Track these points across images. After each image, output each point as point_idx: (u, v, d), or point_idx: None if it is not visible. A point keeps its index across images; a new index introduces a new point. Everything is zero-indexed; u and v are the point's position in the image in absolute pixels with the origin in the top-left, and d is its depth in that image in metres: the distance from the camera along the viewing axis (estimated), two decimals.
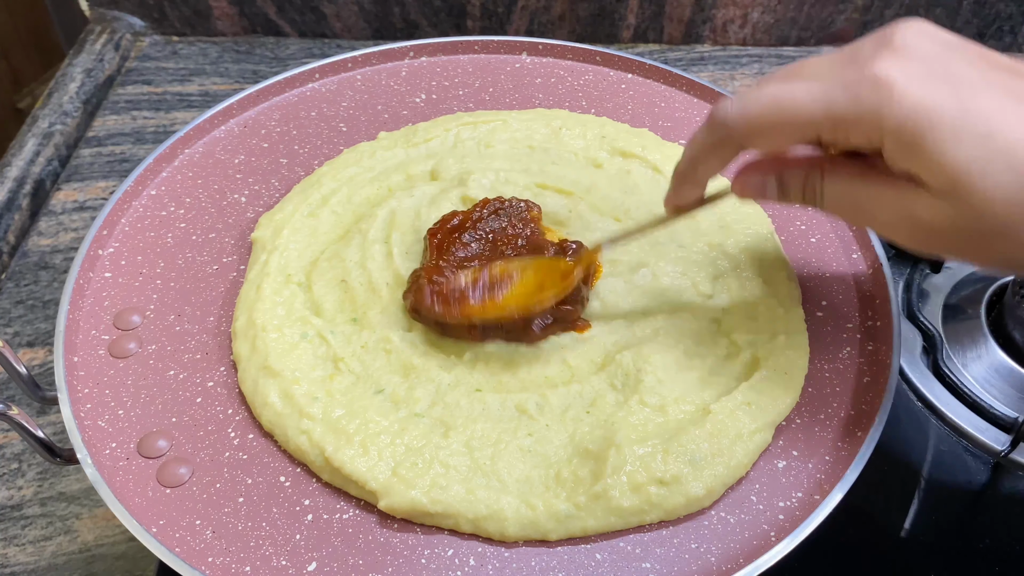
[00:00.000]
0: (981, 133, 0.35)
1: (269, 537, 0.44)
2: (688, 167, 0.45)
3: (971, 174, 0.36)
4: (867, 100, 0.37)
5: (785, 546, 0.42)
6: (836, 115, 0.38)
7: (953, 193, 0.37)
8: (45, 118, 0.83)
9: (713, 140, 0.42)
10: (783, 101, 0.39)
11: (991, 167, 0.35)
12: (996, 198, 0.36)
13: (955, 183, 0.36)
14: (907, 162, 0.37)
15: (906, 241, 0.40)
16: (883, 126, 0.37)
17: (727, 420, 0.46)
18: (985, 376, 0.60)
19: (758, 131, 0.41)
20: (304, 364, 0.49)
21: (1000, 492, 0.56)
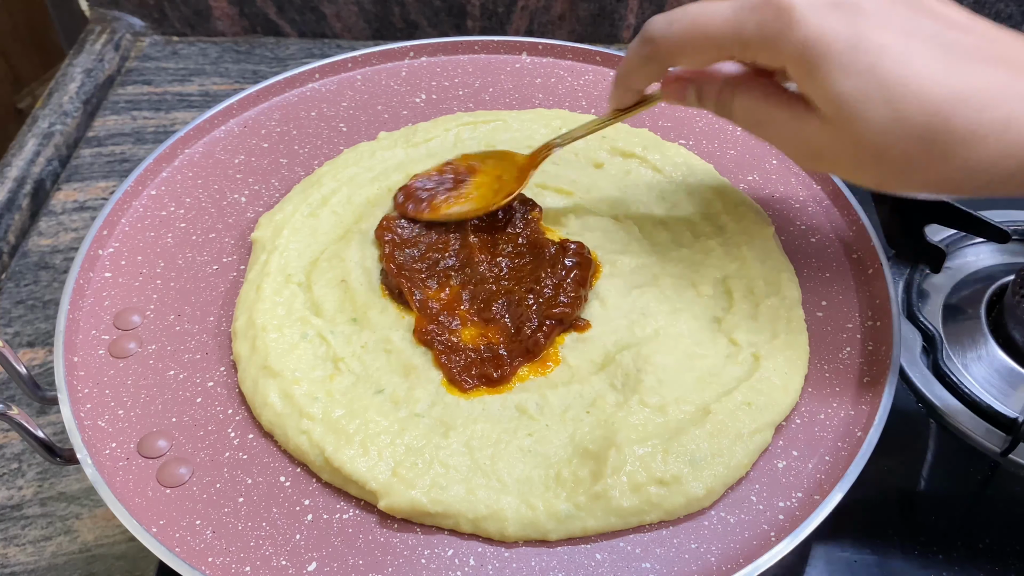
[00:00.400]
0: (866, 66, 0.38)
1: (269, 537, 0.44)
2: (624, 75, 0.49)
3: (853, 104, 0.39)
4: (770, 26, 0.39)
5: (785, 546, 0.42)
6: (744, 39, 0.41)
7: (836, 120, 0.40)
8: (45, 118, 0.83)
9: (643, 55, 0.46)
10: (699, 23, 0.42)
11: (870, 99, 0.38)
12: (872, 128, 0.39)
13: (838, 112, 0.39)
14: (804, 87, 0.41)
15: (797, 159, 0.45)
16: (783, 51, 0.40)
17: (727, 420, 0.46)
18: (985, 376, 0.60)
19: (679, 50, 0.44)
20: (304, 364, 0.49)
21: (1000, 492, 0.56)
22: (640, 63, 0.47)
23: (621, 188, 0.60)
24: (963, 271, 0.67)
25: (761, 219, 0.58)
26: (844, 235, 0.59)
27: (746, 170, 0.63)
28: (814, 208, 0.61)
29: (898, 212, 0.64)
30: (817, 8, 0.39)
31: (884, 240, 0.62)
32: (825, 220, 0.60)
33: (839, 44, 0.38)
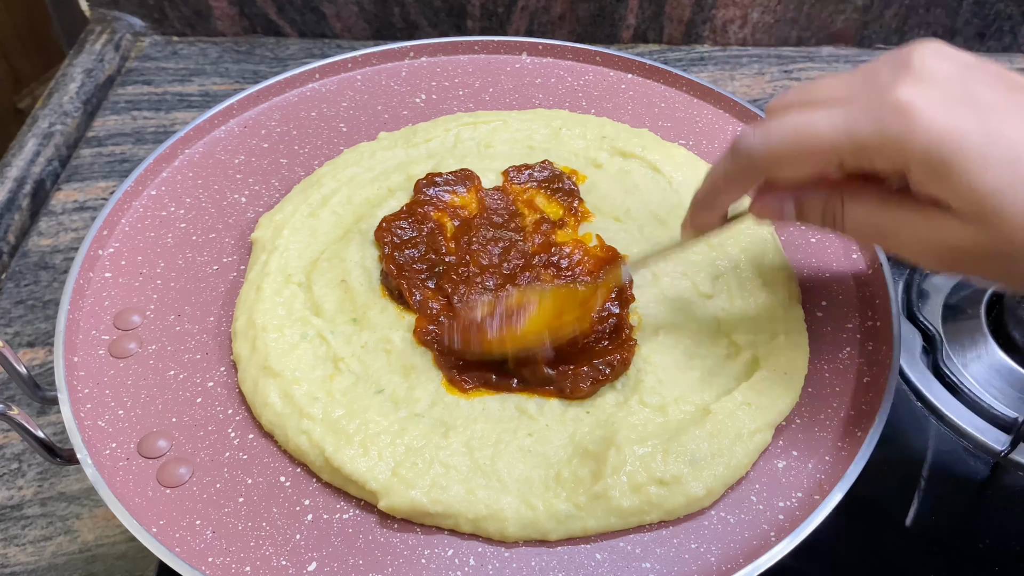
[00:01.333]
0: (1008, 158, 0.36)
1: (269, 537, 0.44)
2: (709, 194, 0.45)
3: (999, 199, 0.36)
4: (891, 127, 0.37)
5: (785, 546, 0.42)
6: (859, 143, 0.38)
7: (981, 218, 0.37)
8: (45, 118, 0.83)
9: (735, 170, 0.43)
10: (805, 131, 0.39)
11: (1019, 192, 0.36)
12: (1021, 220, 0.36)
13: (983, 208, 0.36)
14: (934, 188, 0.37)
15: (933, 264, 0.41)
16: (908, 152, 0.37)
17: (727, 420, 0.46)
18: (985, 376, 0.60)
19: (781, 162, 0.41)
20: (304, 364, 0.49)
21: (1000, 492, 0.56)
22: (731, 179, 0.43)
23: (621, 188, 0.60)
24: None
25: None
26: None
27: None
28: None
29: None
30: (939, 103, 0.37)
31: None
32: None
33: (973, 137, 0.36)
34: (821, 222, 0.43)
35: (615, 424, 0.46)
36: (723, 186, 0.44)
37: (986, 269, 0.39)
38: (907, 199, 0.40)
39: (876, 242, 0.43)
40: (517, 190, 0.58)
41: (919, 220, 0.39)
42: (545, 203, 0.58)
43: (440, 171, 0.58)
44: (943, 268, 0.41)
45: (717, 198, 0.45)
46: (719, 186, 0.44)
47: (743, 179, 0.43)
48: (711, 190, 0.45)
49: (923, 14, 0.94)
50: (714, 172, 0.44)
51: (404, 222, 0.55)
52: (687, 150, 0.64)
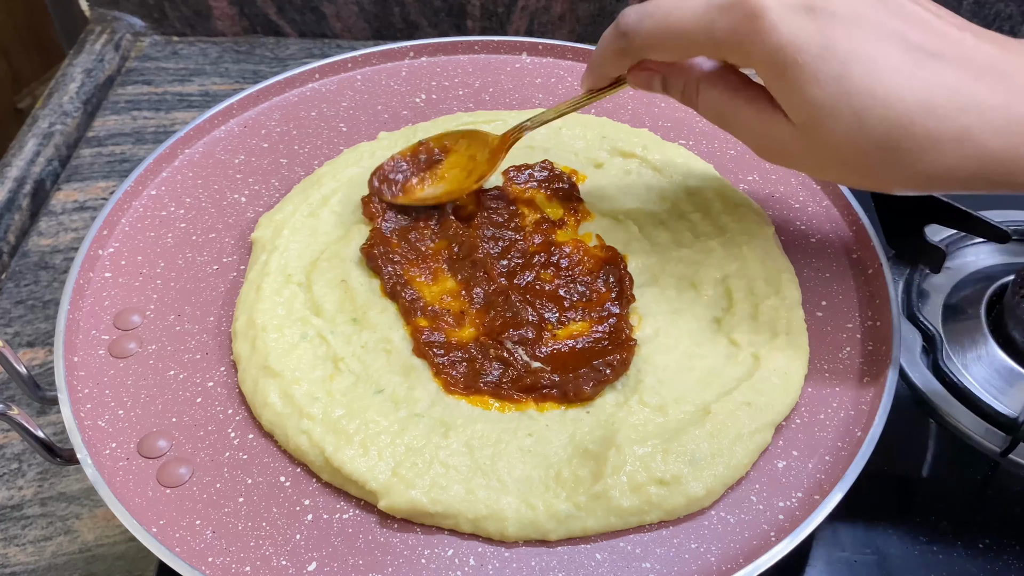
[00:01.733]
0: (834, 74, 0.38)
1: (269, 537, 0.44)
2: (598, 63, 0.49)
3: (819, 112, 0.39)
4: (740, 29, 0.40)
5: (785, 546, 0.42)
6: (714, 40, 0.41)
7: (803, 125, 0.41)
8: (45, 118, 0.83)
9: (616, 47, 0.47)
10: (671, 20, 0.42)
11: (837, 108, 0.39)
12: (837, 136, 0.40)
13: (806, 118, 0.40)
14: (772, 90, 0.42)
15: (759, 153, 0.46)
16: (753, 56, 0.40)
17: (727, 420, 0.46)
18: (985, 376, 0.60)
19: (650, 46, 0.44)
20: (304, 364, 0.49)
21: (1000, 492, 0.56)
22: (613, 55, 0.47)
23: (621, 188, 0.60)
24: (963, 271, 0.67)
25: (761, 219, 0.58)
26: (844, 235, 0.59)
27: (746, 170, 0.63)
28: (814, 208, 0.61)
29: (898, 212, 0.64)
30: (788, 12, 0.39)
31: (884, 240, 0.62)
32: (825, 220, 0.60)
33: (809, 51, 0.39)
34: (681, 99, 0.48)
35: (615, 424, 0.46)
36: (608, 58, 0.48)
37: (803, 167, 0.45)
38: (752, 92, 0.44)
39: (720, 125, 0.46)
40: (517, 190, 0.58)
41: (755, 113, 0.43)
42: (545, 203, 0.58)
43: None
44: (769, 159, 0.45)
45: (603, 66, 0.49)
46: (605, 57, 0.48)
47: (623, 56, 0.47)
48: (599, 59, 0.49)
49: None
50: (601, 43, 0.48)
51: (386, 224, 0.56)
52: (687, 150, 0.64)
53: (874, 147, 0.39)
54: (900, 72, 0.38)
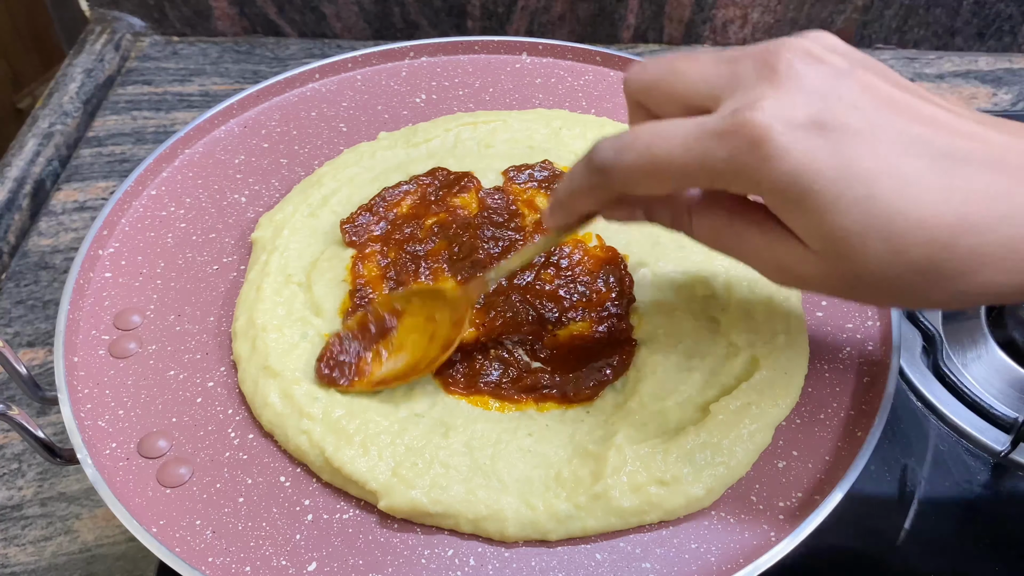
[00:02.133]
0: (860, 197, 0.34)
1: (269, 537, 0.44)
2: (567, 199, 0.43)
3: (848, 241, 0.35)
4: (742, 159, 0.34)
5: (785, 546, 0.42)
6: (712, 172, 0.36)
7: (827, 253, 0.36)
8: (45, 118, 0.83)
9: (590, 184, 0.40)
10: (657, 154, 0.36)
11: (867, 234, 0.34)
12: (870, 263, 0.35)
13: (830, 247, 0.35)
14: (787, 220, 0.36)
15: (774, 280, 0.40)
16: (761, 186, 0.35)
17: (727, 420, 0.46)
18: (985, 377, 0.60)
19: (634, 183, 0.38)
20: (304, 364, 0.49)
21: (1000, 492, 0.56)
22: (587, 192, 0.41)
23: None
24: None
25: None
26: None
27: None
28: None
29: None
30: (797, 133, 0.34)
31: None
32: None
33: (827, 176, 0.34)
34: (671, 227, 0.43)
35: (615, 424, 0.46)
36: (580, 195, 0.41)
37: (824, 292, 0.39)
38: (757, 215, 0.38)
39: (722, 252, 0.41)
40: (517, 190, 0.58)
41: (763, 242, 0.38)
42: (545, 203, 0.58)
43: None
44: (783, 284, 0.40)
45: (574, 204, 0.42)
46: (577, 194, 0.41)
47: (599, 192, 0.40)
48: (568, 195, 0.42)
49: (923, 14, 0.94)
50: (572, 178, 0.41)
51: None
52: None
53: (912, 272, 0.35)
54: (932, 186, 0.34)
